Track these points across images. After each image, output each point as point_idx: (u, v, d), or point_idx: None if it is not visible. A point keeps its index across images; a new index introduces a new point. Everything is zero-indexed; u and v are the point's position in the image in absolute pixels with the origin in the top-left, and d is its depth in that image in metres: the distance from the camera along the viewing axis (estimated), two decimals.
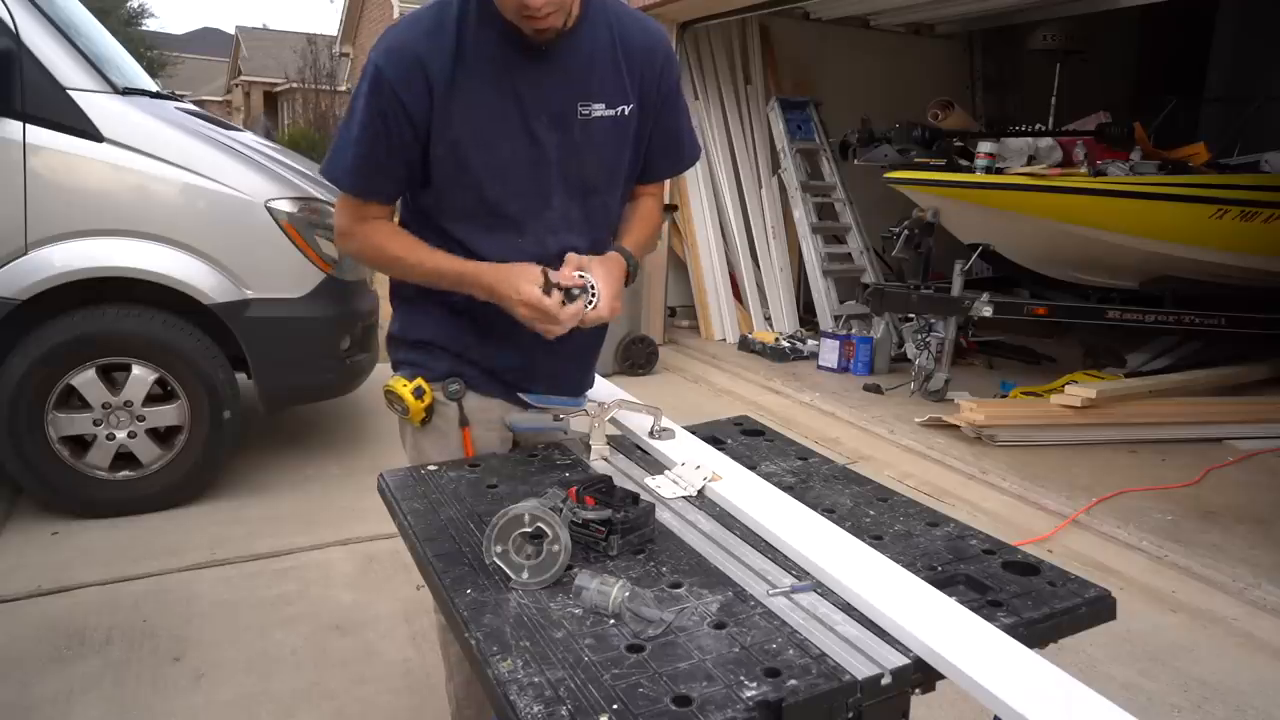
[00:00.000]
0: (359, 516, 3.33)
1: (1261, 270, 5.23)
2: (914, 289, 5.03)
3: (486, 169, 1.49)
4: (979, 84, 7.77)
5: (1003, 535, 1.38)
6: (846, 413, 4.88)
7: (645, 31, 1.60)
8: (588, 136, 1.53)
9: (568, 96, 1.50)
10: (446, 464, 1.57)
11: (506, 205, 1.52)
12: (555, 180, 1.54)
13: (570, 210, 1.57)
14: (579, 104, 1.51)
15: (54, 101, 3.10)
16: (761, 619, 1.06)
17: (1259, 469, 4.17)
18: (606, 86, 1.53)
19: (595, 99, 1.52)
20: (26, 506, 3.38)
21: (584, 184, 1.57)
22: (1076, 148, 5.12)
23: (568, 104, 1.50)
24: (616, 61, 1.53)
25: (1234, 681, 2.56)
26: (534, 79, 1.47)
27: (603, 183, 1.60)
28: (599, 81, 1.52)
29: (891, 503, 1.43)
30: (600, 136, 1.54)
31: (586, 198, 1.58)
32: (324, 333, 3.51)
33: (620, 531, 1.20)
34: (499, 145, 1.48)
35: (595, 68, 1.52)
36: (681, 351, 6.44)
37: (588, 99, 1.51)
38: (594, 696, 0.90)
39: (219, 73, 32.05)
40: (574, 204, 1.57)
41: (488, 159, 1.49)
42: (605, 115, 1.53)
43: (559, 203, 1.55)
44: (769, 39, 6.82)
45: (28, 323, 3.14)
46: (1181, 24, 7.46)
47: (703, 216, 6.59)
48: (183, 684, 2.39)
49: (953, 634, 1.01)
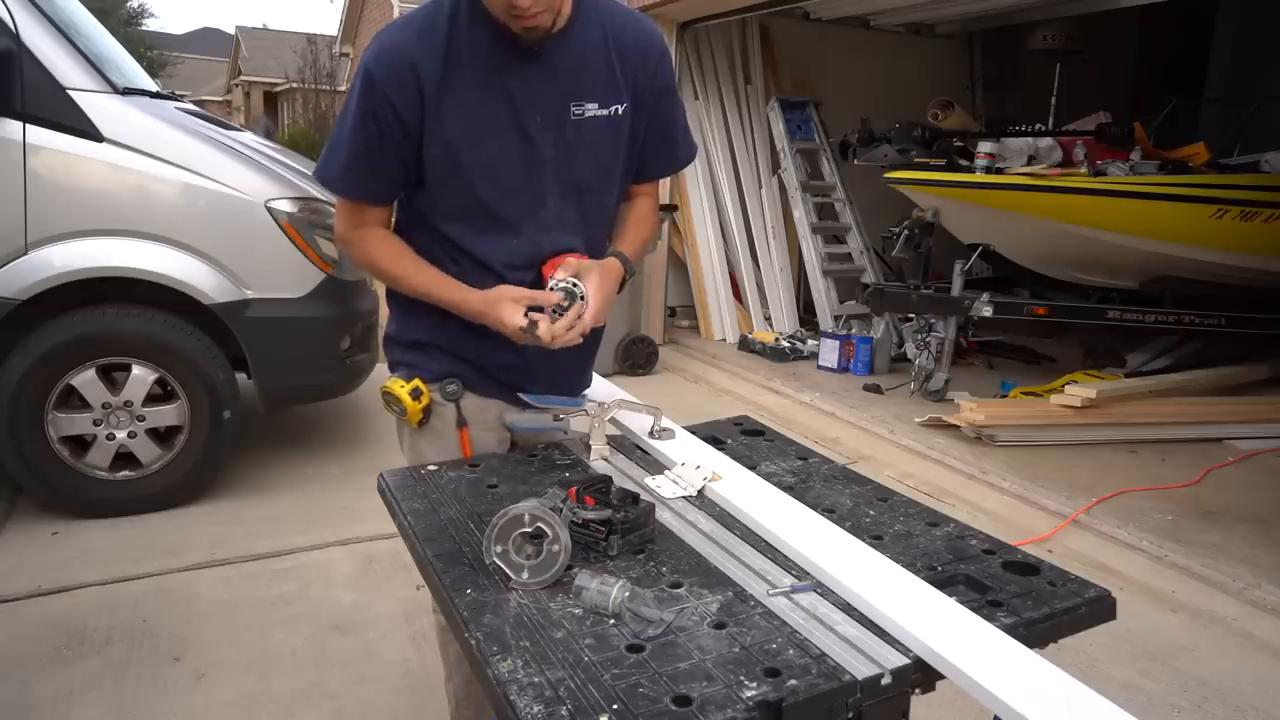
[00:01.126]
0: (359, 516, 3.33)
1: (1261, 270, 5.23)
2: (914, 289, 5.02)
3: (479, 169, 1.49)
4: (979, 84, 7.77)
5: (1003, 535, 1.38)
6: (846, 413, 4.88)
7: (639, 30, 1.60)
8: (581, 136, 1.53)
9: (560, 96, 1.50)
10: (446, 464, 1.57)
11: (500, 206, 1.52)
12: (549, 180, 1.53)
13: (564, 210, 1.56)
14: (572, 104, 1.51)
15: (54, 101, 3.10)
16: (761, 619, 1.06)
17: (1259, 469, 4.17)
18: (599, 86, 1.53)
19: (588, 98, 1.52)
20: (26, 506, 3.38)
21: (578, 184, 1.57)
22: (1076, 148, 5.12)
23: (560, 104, 1.50)
24: (610, 61, 1.53)
25: (1234, 681, 2.56)
26: (526, 79, 1.47)
27: (597, 182, 1.60)
28: (592, 81, 1.52)
29: (891, 503, 1.43)
30: (594, 136, 1.54)
31: (581, 197, 1.58)
32: (324, 333, 3.51)
33: (620, 531, 1.20)
34: (491, 145, 1.48)
35: (588, 67, 1.52)
36: (681, 351, 6.44)
37: (580, 98, 1.51)
38: (594, 696, 0.90)
39: (219, 73, 32.06)
40: (568, 204, 1.57)
41: (480, 159, 1.49)
42: (599, 115, 1.53)
43: (553, 203, 1.55)
44: (769, 39, 6.82)
45: (28, 323, 3.14)
46: (1181, 24, 7.46)
47: (703, 216, 6.59)
48: (183, 684, 2.39)
49: (953, 634, 1.01)
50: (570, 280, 1.48)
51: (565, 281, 1.48)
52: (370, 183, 1.54)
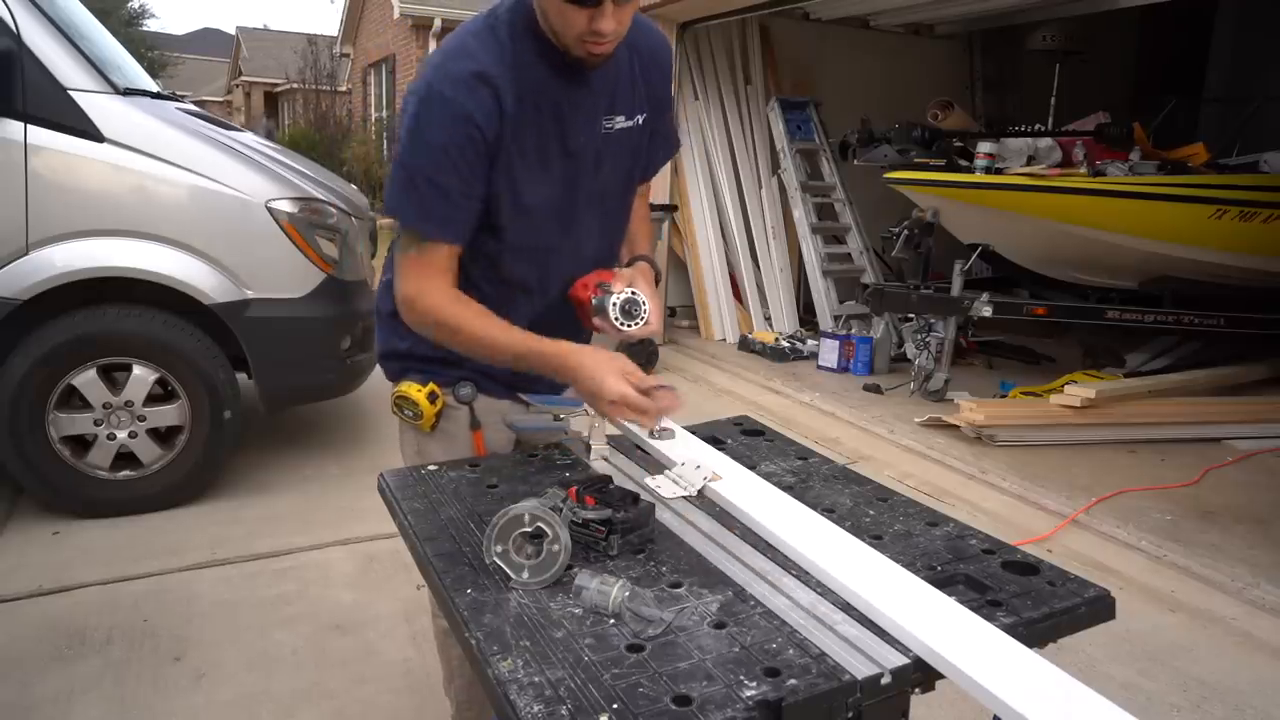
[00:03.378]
0: (359, 516, 3.33)
1: (1260, 270, 5.23)
2: (914, 289, 5.03)
3: (532, 191, 1.47)
4: (979, 84, 7.77)
5: (1002, 535, 1.38)
6: (846, 413, 4.88)
7: (654, 39, 1.61)
8: (608, 148, 1.54)
9: (597, 112, 1.50)
10: (446, 464, 1.57)
11: (543, 226, 1.50)
12: (581, 195, 1.54)
13: (590, 221, 1.57)
14: (604, 118, 1.51)
15: (55, 102, 3.10)
16: (761, 619, 1.06)
17: (1258, 469, 4.17)
18: (625, 98, 1.54)
19: (617, 111, 1.53)
20: (27, 506, 3.38)
21: (602, 194, 1.57)
22: (1076, 148, 5.12)
23: (596, 120, 1.51)
24: (633, 72, 1.54)
25: (1233, 681, 2.56)
26: (570, 97, 1.46)
27: (617, 191, 1.61)
28: (620, 94, 1.53)
29: (891, 503, 1.44)
30: (619, 147, 1.55)
31: (603, 205, 1.59)
32: (324, 333, 3.51)
33: (620, 531, 1.21)
34: (542, 165, 1.47)
35: (618, 81, 1.52)
36: (681, 351, 6.44)
37: (611, 112, 1.52)
38: (594, 696, 0.90)
39: (219, 73, 32.04)
40: (593, 213, 1.57)
41: (533, 180, 1.47)
42: (625, 126, 1.54)
43: (583, 216, 1.55)
44: (769, 39, 6.82)
45: (29, 323, 3.14)
46: (1181, 24, 7.46)
47: (703, 216, 6.59)
48: (183, 684, 2.39)
49: (952, 634, 1.01)
50: (631, 290, 1.48)
51: (626, 292, 1.48)
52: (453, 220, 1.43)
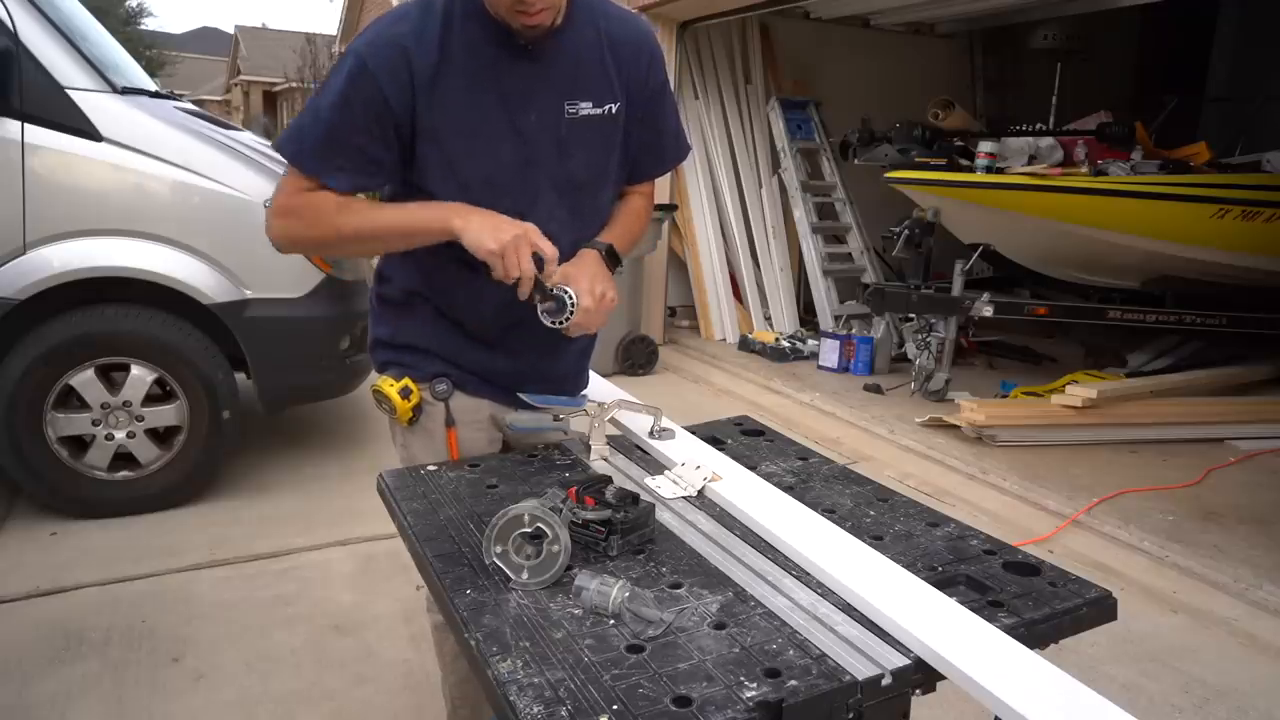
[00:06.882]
0: (358, 516, 3.33)
1: (1263, 270, 5.22)
2: (914, 289, 5.02)
3: (472, 166, 1.48)
4: (979, 84, 7.76)
5: (1003, 535, 1.38)
6: (846, 413, 4.88)
7: (632, 29, 1.59)
8: (575, 134, 1.53)
9: (555, 94, 1.50)
10: (446, 464, 1.57)
11: (493, 204, 1.49)
12: (542, 179, 1.53)
13: (556, 209, 1.55)
14: (566, 102, 1.50)
15: (53, 101, 3.09)
16: (761, 619, 1.06)
17: (1260, 469, 4.16)
18: (594, 84, 1.53)
19: (583, 97, 1.51)
20: (25, 507, 3.37)
21: (571, 182, 1.56)
22: (1077, 147, 5.11)
23: (555, 102, 1.50)
24: (604, 59, 1.53)
25: (1235, 682, 2.55)
26: (521, 77, 1.47)
27: (590, 180, 1.59)
28: (586, 79, 1.52)
29: (892, 503, 1.43)
30: (588, 134, 1.54)
31: (573, 195, 1.57)
32: (323, 333, 3.50)
33: (620, 531, 1.20)
34: (484, 142, 1.47)
35: (582, 65, 1.51)
36: (681, 351, 6.44)
37: (575, 97, 1.51)
38: (594, 697, 0.90)
39: (218, 72, 32.09)
40: (561, 202, 1.56)
41: (473, 156, 1.48)
42: (593, 113, 1.53)
43: (545, 201, 1.54)
44: (769, 39, 6.81)
45: (27, 322, 3.14)
46: (1182, 23, 7.46)
47: (703, 216, 6.58)
48: (182, 684, 2.39)
49: (953, 634, 1.00)
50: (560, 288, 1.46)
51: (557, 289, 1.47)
52: (338, 163, 1.45)
